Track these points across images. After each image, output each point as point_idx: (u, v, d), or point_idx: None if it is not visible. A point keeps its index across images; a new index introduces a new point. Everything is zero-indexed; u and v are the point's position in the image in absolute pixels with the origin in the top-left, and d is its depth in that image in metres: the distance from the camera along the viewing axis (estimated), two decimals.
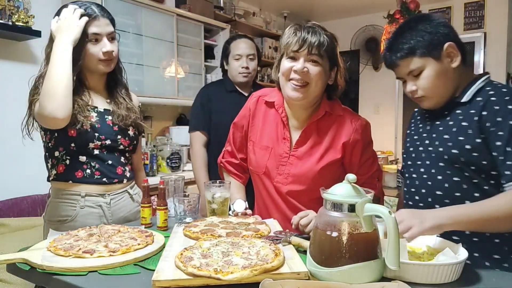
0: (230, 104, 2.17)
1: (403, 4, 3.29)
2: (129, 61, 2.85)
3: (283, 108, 1.43)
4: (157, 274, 0.89)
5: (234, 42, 2.27)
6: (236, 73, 2.21)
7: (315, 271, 0.91)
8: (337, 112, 1.39)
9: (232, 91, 2.24)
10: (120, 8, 2.77)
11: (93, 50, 1.42)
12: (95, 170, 1.45)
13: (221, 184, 1.44)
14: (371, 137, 1.45)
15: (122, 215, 1.51)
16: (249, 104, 1.55)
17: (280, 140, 1.42)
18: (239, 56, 2.20)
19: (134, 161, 1.65)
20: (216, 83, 2.48)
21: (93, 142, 1.43)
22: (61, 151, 1.43)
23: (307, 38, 1.27)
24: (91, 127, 1.43)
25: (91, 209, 1.44)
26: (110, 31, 1.46)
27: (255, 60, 2.24)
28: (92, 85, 1.51)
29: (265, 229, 1.25)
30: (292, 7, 4.97)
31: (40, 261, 0.99)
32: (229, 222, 1.32)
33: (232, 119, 2.10)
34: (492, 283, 0.93)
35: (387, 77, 5.20)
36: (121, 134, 1.51)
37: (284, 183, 1.39)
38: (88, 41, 1.40)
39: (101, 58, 1.43)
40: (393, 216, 0.86)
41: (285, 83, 1.33)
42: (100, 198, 1.45)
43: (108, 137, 1.47)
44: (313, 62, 1.29)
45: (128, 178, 1.55)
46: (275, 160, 1.41)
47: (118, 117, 1.51)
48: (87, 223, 1.38)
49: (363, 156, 1.38)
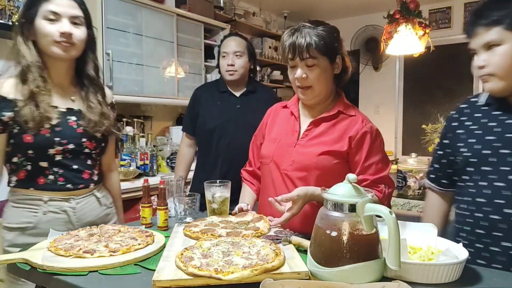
0: (219, 105, 2.17)
1: (403, 4, 3.29)
2: (129, 61, 2.85)
3: (297, 105, 1.50)
4: (158, 274, 0.89)
5: (224, 41, 2.23)
6: (224, 71, 2.16)
7: (316, 271, 0.91)
8: (350, 112, 1.42)
9: (223, 91, 2.20)
10: (120, 8, 2.77)
11: (49, 29, 1.27)
12: (58, 176, 1.33)
13: (221, 184, 1.44)
14: (383, 145, 1.42)
15: (89, 220, 1.40)
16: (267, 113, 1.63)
17: (290, 132, 1.46)
18: (225, 54, 2.15)
19: (105, 162, 1.54)
20: (210, 83, 2.47)
21: (53, 147, 1.30)
22: (19, 157, 1.30)
23: (295, 43, 1.31)
24: (50, 131, 1.29)
25: (55, 214, 1.33)
26: (74, 14, 1.31)
27: (243, 58, 2.15)
28: (54, 77, 1.36)
29: (264, 226, 1.26)
30: (292, 7, 4.96)
31: (41, 261, 0.99)
32: (229, 222, 1.32)
33: (219, 122, 2.13)
34: (492, 283, 0.93)
35: (387, 77, 5.21)
36: (87, 137, 1.38)
37: (289, 169, 1.41)
38: (43, 20, 1.27)
39: (56, 40, 1.27)
40: (394, 216, 0.86)
41: (295, 89, 1.42)
42: (64, 202, 1.34)
43: (71, 141, 1.34)
44: (309, 66, 1.33)
45: (96, 181, 1.45)
46: (283, 150, 1.44)
47: (88, 122, 1.37)
48: (49, 230, 1.25)
49: (370, 157, 1.36)
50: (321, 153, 1.36)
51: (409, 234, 1.10)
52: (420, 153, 3.01)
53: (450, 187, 1.35)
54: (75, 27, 1.31)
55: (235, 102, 2.17)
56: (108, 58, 2.64)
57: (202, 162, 2.24)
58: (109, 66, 2.65)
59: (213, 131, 2.13)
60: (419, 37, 3.29)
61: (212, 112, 2.17)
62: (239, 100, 2.18)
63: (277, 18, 5.31)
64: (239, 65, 2.14)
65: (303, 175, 1.38)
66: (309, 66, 1.33)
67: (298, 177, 1.38)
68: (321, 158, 1.36)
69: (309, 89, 1.36)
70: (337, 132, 1.39)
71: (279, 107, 1.58)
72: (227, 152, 2.10)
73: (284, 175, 1.42)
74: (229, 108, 2.16)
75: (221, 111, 2.15)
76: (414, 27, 3.26)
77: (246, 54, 2.17)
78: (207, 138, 2.16)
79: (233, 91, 2.20)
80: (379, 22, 4.55)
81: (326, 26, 1.36)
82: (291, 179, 1.40)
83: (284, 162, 1.42)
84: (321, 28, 1.34)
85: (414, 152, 2.92)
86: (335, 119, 1.41)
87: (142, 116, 3.23)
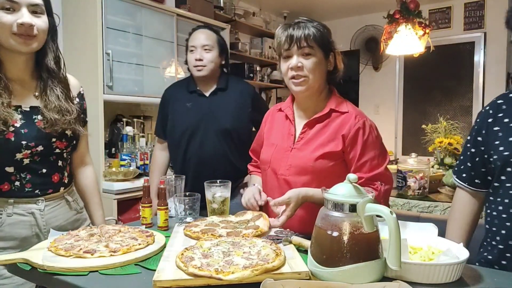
0: (188, 107, 2.00)
1: (403, 4, 3.29)
2: (129, 61, 2.85)
3: (291, 108, 1.49)
4: (158, 274, 0.89)
5: (192, 34, 2.04)
6: (191, 67, 1.98)
7: (316, 271, 0.91)
8: (343, 109, 1.41)
9: (192, 91, 2.02)
10: (120, 8, 2.76)
11: (6, 19, 1.14)
12: (25, 182, 1.23)
13: (221, 183, 1.44)
14: (379, 140, 1.40)
15: (58, 224, 1.30)
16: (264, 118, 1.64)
17: (286, 136, 1.46)
18: (193, 48, 1.96)
19: (77, 157, 1.43)
20: (181, 82, 2.21)
21: (20, 152, 1.19)
22: None
23: (294, 34, 1.33)
24: (15, 134, 1.18)
25: (21, 217, 1.22)
26: (33, 1, 1.18)
27: (213, 52, 1.96)
28: (13, 73, 1.23)
29: (264, 224, 1.26)
30: (292, 7, 4.97)
31: (41, 261, 0.99)
32: (229, 222, 1.32)
33: (187, 126, 1.97)
34: (493, 283, 0.92)
35: (387, 77, 5.21)
36: (56, 137, 1.26)
37: (287, 174, 1.41)
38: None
39: (14, 31, 1.15)
40: (394, 216, 0.86)
41: (288, 81, 1.40)
42: (32, 204, 1.24)
43: (40, 143, 1.23)
44: (306, 55, 1.34)
45: (66, 184, 1.35)
46: (280, 154, 1.44)
47: (46, 122, 1.24)
48: (14, 233, 1.20)
49: (365, 154, 1.35)
50: (318, 157, 1.35)
51: (410, 234, 1.10)
52: (420, 153, 3.01)
53: (483, 188, 1.28)
54: (35, 16, 1.18)
55: (204, 103, 2.00)
56: (108, 58, 2.64)
57: (174, 167, 2.13)
58: (109, 66, 2.65)
59: (182, 135, 1.99)
60: (419, 37, 3.28)
61: (181, 114, 2.01)
62: (209, 100, 2.00)
63: (277, 18, 5.31)
64: (208, 59, 1.95)
65: (301, 179, 1.37)
66: (306, 54, 1.34)
67: (296, 181, 1.38)
68: (318, 162, 1.35)
69: (303, 80, 1.36)
70: (331, 132, 1.38)
71: (275, 111, 1.59)
72: (197, 157, 1.97)
73: (282, 180, 1.42)
74: (198, 110, 1.99)
75: (190, 113, 1.99)
76: (414, 27, 3.26)
77: (216, 48, 1.99)
78: (177, 142, 2.02)
79: (202, 90, 2.02)
80: (379, 22, 4.55)
81: (320, 23, 1.39)
82: (289, 183, 1.39)
83: (281, 167, 1.42)
84: (317, 24, 1.37)
85: (414, 152, 2.92)
86: (328, 118, 1.40)
87: (142, 116, 3.23)
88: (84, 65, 2.68)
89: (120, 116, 3.05)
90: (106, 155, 2.81)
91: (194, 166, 1.98)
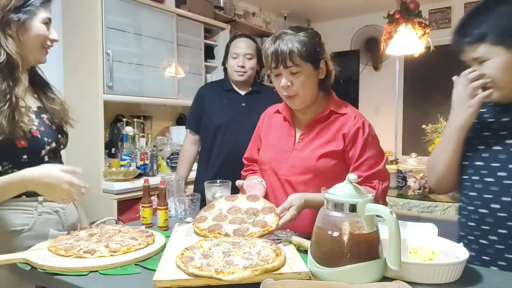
0: (224, 103, 2.21)
1: (403, 4, 3.29)
2: (129, 61, 2.85)
3: (289, 110, 1.50)
4: (158, 274, 0.89)
5: (234, 41, 2.29)
6: (232, 71, 2.21)
7: (316, 271, 0.91)
8: (342, 111, 1.42)
9: (229, 90, 2.25)
10: (120, 8, 2.76)
11: (42, 30, 1.24)
12: None
13: (221, 183, 1.44)
14: (376, 139, 1.43)
15: (71, 222, 1.36)
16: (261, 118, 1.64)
17: (286, 137, 1.47)
18: (236, 55, 2.21)
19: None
20: (215, 82, 2.51)
21: (44, 148, 1.26)
22: (5, 165, 1.19)
23: (277, 51, 1.32)
24: (38, 132, 1.24)
25: (49, 215, 1.28)
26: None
27: (253, 60, 2.22)
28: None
29: (273, 221, 1.22)
30: (292, 7, 4.96)
31: (41, 261, 1.00)
32: (238, 209, 1.29)
33: (224, 120, 2.17)
34: (493, 283, 0.92)
35: (387, 77, 5.21)
36: (60, 133, 1.34)
37: (288, 174, 1.41)
38: (41, 23, 1.24)
39: (45, 45, 1.27)
40: (394, 216, 0.86)
41: (282, 96, 1.43)
42: (55, 203, 1.29)
43: (53, 139, 1.30)
44: (293, 74, 1.34)
45: None
46: (280, 155, 1.45)
47: (53, 115, 1.32)
48: (44, 231, 1.23)
49: (364, 153, 1.37)
50: (320, 156, 1.37)
51: (410, 234, 1.10)
52: (420, 153, 3.01)
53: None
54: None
55: (240, 101, 2.22)
56: (108, 58, 2.64)
57: (205, 159, 2.26)
58: (109, 66, 2.65)
59: (218, 128, 2.17)
60: (419, 37, 3.29)
61: (218, 110, 2.21)
62: (244, 98, 2.23)
63: (277, 18, 5.30)
64: (249, 67, 2.20)
65: (303, 179, 1.39)
66: (293, 73, 1.34)
67: (298, 181, 1.39)
68: (320, 161, 1.37)
69: (295, 97, 1.38)
70: (331, 132, 1.40)
71: (272, 112, 1.59)
72: (231, 150, 2.12)
73: (283, 180, 1.42)
74: (235, 106, 2.20)
75: (227, 109, 2.20)
76: (414, 27, 3.26)
77: (255, 57, 2.23)
78: (212, 136, 2.19)
79: (238, 90, 2.24)
80: (379, 22, 4.54)
81: (307, 32, 1.37)
82: (291, 184, 1.40)
83: (282, 167, 1.43)
84: (303, 34, 1.34)
85: (414, 152, 2.92)
86: (328, 119, 1.42)
87: (142, 116, 3.23)
88: (84, 65, 2.68)
89: (120, 116, 3.05)
90: (106, 155, 2.81)
91: (226, 156, 2.14)
